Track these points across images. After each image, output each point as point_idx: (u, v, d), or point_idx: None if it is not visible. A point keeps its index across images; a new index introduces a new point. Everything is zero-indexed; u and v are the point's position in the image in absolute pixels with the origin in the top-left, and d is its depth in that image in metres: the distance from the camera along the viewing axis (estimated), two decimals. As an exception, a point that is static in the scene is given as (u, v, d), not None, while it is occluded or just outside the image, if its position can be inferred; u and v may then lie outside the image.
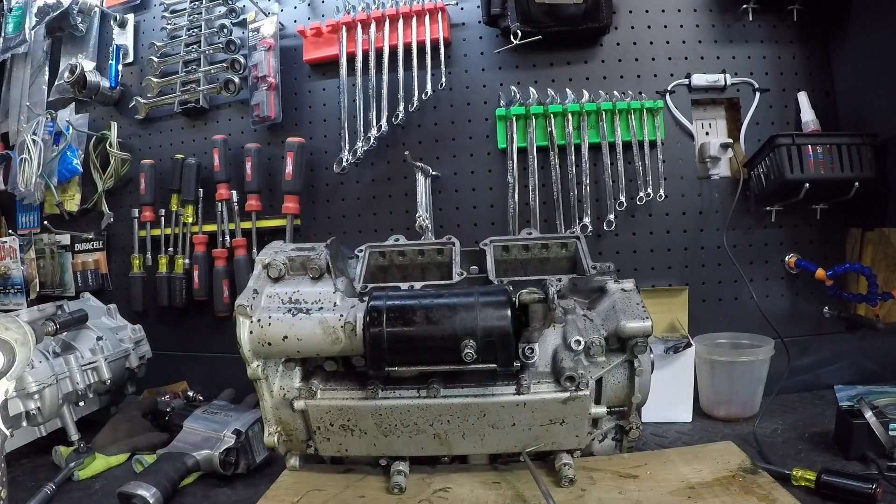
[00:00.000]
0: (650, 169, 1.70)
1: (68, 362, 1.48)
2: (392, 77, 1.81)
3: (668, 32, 1.75)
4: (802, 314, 1.71)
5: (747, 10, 1.71)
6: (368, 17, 1.80)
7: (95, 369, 1.54)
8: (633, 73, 1.76)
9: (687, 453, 1.21)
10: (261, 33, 1.91)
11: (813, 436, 1.35)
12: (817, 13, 1.69)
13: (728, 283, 1.71)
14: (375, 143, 1.80)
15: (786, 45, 1.73)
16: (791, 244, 1.70)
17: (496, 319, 1.03)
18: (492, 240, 1.42)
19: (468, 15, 1.83)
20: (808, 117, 1.66)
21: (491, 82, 1.82)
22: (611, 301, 1.19)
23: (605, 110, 1.71)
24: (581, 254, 1.36)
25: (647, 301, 1.64)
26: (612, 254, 1.73)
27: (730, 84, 1.72)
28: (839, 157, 1.50)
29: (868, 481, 1.05)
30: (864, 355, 1.66)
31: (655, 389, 1.44)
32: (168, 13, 2.06)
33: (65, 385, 1.46)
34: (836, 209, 1.66)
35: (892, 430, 1.21)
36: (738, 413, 1.49)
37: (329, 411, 1.12)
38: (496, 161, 1.81)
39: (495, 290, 1.09)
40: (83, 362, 1.51)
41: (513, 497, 1.07)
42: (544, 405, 1.08)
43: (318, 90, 1.94)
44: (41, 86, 2.20)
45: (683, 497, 1.03)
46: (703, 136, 1.77)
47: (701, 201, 1.73)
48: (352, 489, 1.13)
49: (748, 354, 1.48)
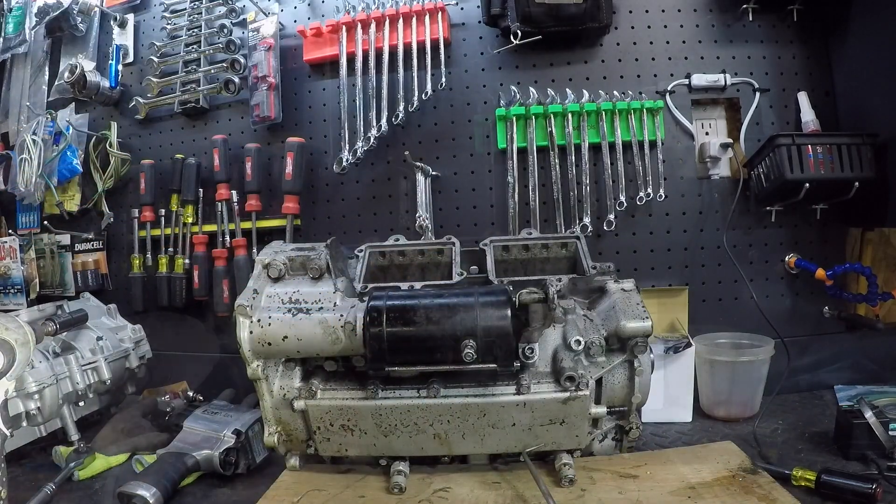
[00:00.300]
0: (650, 169, 1.70)
1: (68, 362, 1.49)
2: (392, 77, 1.81)
3: (667, 32, 1.75)
4: (802, 314, 1.71)
5: (747, 10, 1.71)
6: (368, 17, 1.81)
7: (95, 369, 1.54)
8: (633, 73, 1.76)
9: (687, 453, 1.21)
10: (261, 33, 1.92)
11: (813, 436, 1.35)
12: (817, 13, 1.70)
13: (728, 283, 1.71)
14: (375, 143, 1.81)
15: (786, 45, 1.73)
16: (791, 244, 1.71)
17: (496, 319, 1.04)
18: (492, 240, 1.43)
19: (468, 15, 1.83)
20: (808, 117, 1.67)
21: (491, 82, 1.82)
22: (611, 301, 1.19)
23: (605, 110, 1.71)
24: (581, 254, 1.36)
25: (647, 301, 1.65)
26: (612, 254, 1.74)
27: (730, 84, 1.72)
28: (839, 157, 1.50)
29: (868, 481, 1.05)
30: (864, 355, 1.66)
31: (655, 389, 1.45)
32: (168, 13, 2.05)
33: (65, 385, 1.47)
34: (836, 209, 1.66)
35: (892, 430, 1.21)
36: (738, 413, 1.49)
37: (329, 411, 1.13)
38: (496, 161, 1.81)
39: (495, 290, 1.10)
40: (83, 362, 1.51)
41: (513, 497, 1.07)
42: (544, 405, 1.09)
43: (318, 90, 1.94)
44: (41, 86, 2.20)
45: (683, 497, 1.03)
46: (703, 136, 1.77)
47: (701, 201, 1.74)
48: (352, 489, 1.14)
49: (748, 354, 1.48)
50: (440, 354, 1.04)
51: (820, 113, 1.67)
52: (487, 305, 1.05)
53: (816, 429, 1.38)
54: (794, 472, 1.12)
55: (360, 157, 1.80)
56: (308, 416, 1.14)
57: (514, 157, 1.74)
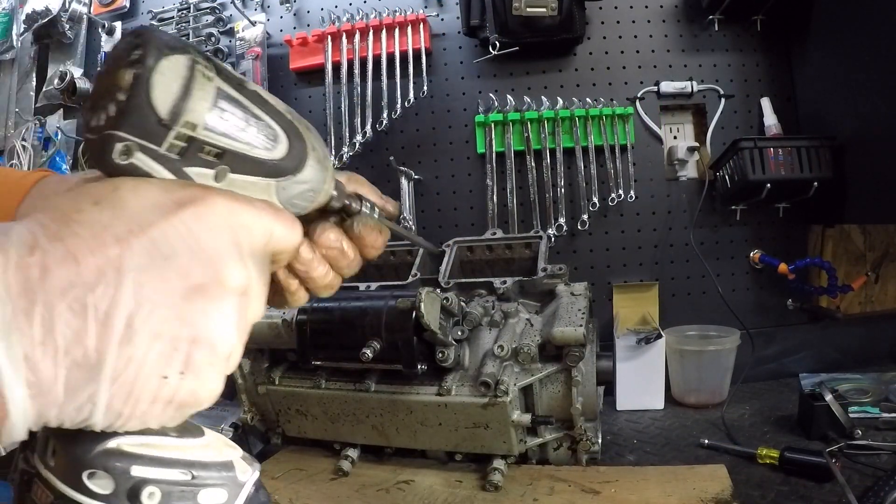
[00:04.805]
0: (621, 171, 1.77)
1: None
2: (376, 85, 1.86)
3: (638, 42, 1.83)
4: (767, 306, 1.78)
5: (713, 20, 1.78)
6: (353, 28, 1.86)
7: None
8: (604, 80, 1.83)
9: (668, 473, 1.12)
10: (248, 42, 1.97)
11: (778, 419, 1.41)
12: (780, 24, 1.77)
13: (696, 279, 1.78)
14: (360, 149, 1.86)
15: (750, 53, 1.81)
16: (755, 241, 1.78)
17: (399, 322, 1.08)
18: (455, 241, 1.47)
19: (448, 26, 1.89)
20: (771, 121, 1.74)
21: (470, 90, 1.88)
22: (555, 305, 1.22)
23: (579, 116, 1.77)
24: (539, 254, 1.37)
25: (619, 296, 1.75)
26: (586, 252, 1.80)
27: (696, 91, 1.79)
28: (799, 159, 1.56)
29: (828, 456, 1.10)
30: (826, 344, 1.74)
31: (629, 379, 1.53)
32: (156, 21, 2.08)
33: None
34: (797, 207, 1.73)
35: (851, 412, 1.28)
36: (708, 400, 1.55)
37: (286, 397, 1.25)
38: (475, 165, 1.87)
39: (406, 296, 1.12)
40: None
41: (462, 498, 1.09)
42: (464, 408, 1.11)
43: (305, 97, 1.99)
44: (28, 92, 2.22)
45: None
46: (672, 140, 1.85)
47: (669, 201, 1.81)
48: (327, 472, 1.23)
49: (715, 344, 1.55)
50: (351, 352, 1.10)
51: (782, 117, 1.74)
52: (393, 309, 1.10)
53: (781, 413, 1.44)
54: (759, 450, 1.17)
55: (346, 161, 1.86)
56: (270, 399, 1.26)
57: (493, 162, 1.80)
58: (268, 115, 0.43)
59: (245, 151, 0.41)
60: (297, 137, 0.45)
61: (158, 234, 0.35)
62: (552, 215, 1.78)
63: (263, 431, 1.37)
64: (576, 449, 1.19)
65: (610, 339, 1.58)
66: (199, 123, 0.38)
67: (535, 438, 1.17)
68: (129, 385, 0.35)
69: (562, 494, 1.07)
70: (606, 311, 1.77)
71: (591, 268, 1.80)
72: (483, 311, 1.21)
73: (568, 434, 1.18)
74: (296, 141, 0.44)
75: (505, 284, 1.28)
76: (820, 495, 1.05)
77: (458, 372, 1.16)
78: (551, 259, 1.37)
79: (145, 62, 0.36)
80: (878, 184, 1.44)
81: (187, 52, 0.38)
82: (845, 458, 1.15)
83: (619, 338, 1.54)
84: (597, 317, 1.51)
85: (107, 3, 2.16)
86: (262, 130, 0.42)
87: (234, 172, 0.41)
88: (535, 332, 1.17)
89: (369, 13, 1.87)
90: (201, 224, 0.37)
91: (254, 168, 0.42)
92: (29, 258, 0.32)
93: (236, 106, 0.40)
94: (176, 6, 2.07)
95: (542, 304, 1.29)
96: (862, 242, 1.76)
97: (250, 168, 0.42)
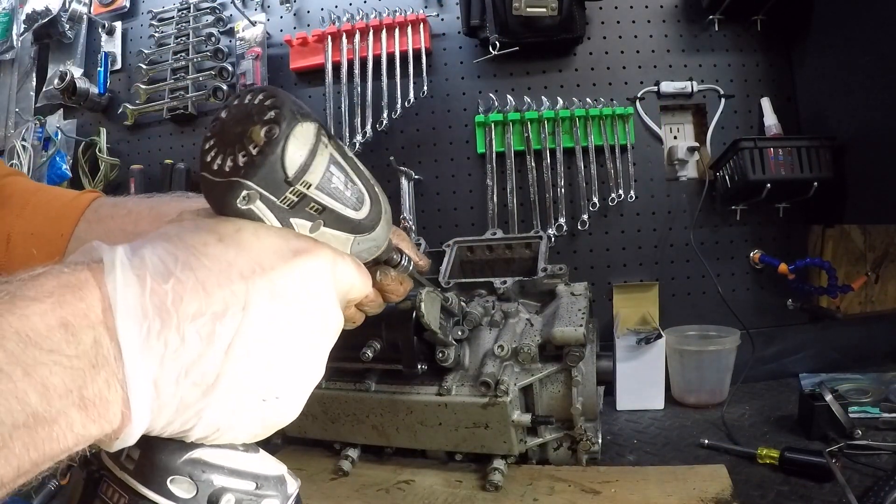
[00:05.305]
0: (621, 171, 1.77)
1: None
2: (376, 85, 1.86)
3: (638, 42, 1.83)
4: (767, 306, 1.78)
5: (714, 20, 1.78)
6: (353, 28, 1.86)
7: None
8: (605, 80, 1.83)
9: (668, 473, 1.12)
10: (248, 42, 1.97)
11: (778, 419, 1.40)
12: (780, 24, 1.77)
13: (696, 279, 1.78)
14: (361, 149, 1.86)
15: (750, 53, 1.81)
16: (755, 241, 1.78)
17: (399, 323, 1.07)
18: (455, 241, 1.47)
19: (448, 26, 1.89)
20: (771, 121, 1.73)
21: (470, 90, 1.88)
22: (556, 305, 1.21)
23: (579, 116, 1.77)
24: (539, 254, 1.37)
25: (619, 296, 1.75)
26: (586, 252, 1.80)
27: (696, 91, 1.79)
28: (799, 159, 1.56)
29: (828, 456, 1.09)
30: (826, 344, 1.72)
31: (629, 379, 1.53)
32: (156, 21, 2.09)
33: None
34: (797, 207, 1.73)
35: (851, 413, 1.27)
36: (708, 400, 1.55)
37: None
38: (475, 165, 1.87)
39: (406, 296, 1.12)
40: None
41: (462, 498, 1.10)
42: (464, 408, 1.10)
43: (305, 97, 1.98)
44: (28, 92, 2.22)
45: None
46: (672, 140, 1.85)
47: (670, 201, 1.81)
48: (328, 471, 1.22)
49: (715, 344, 1.55)
50: (353, 352, 1.08)
51: (782, 117, 1.74)
52: (393, 309, 1.07)
53: (781, 413, 1.43)
54: (759, 450, 1.17)
55: (346, 161, 1.85)
56: None
57: (493, 162, 1.81)
58: (360, 180, 0.49)
59: (340, 210, 0.47)
60: (376, 201, 0.51)
61: (277, 277, 0.41)
62: (552, 215, 1.78)
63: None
64: (576, 449, 1.18)
65: (610, 339, 1.57)
66: (313, 184, 0.44)
67: (536, 438, 1.17)
68: (233, 405, 0.39)
69: (562, 494, 1.07)
70: (606, 311, 1.76)
71: (591, 268, 1.80)
72: (483, 311, 1.21)
73: (568, 434, 1.17)
74: (375, 204, 0.51)
75: (505, 284, 1.28)
76: (820, 495, 1.05)
77: (459, 372, 1.15)
78: (551, 259, 1.37)
79: (281, 125, 0.41)
80: (878, 184, 1.44)
81: (315, 121, 0.43)
82: (845, 458, 1.15)
83: (619, 338, 1.54)
84: (597, 317, 1.51)
85: (107, 3, 2.16)
86: (355, 193, 0.48)
87: (326, 226, 0.48)
88: (536, 332, 1.17)
89: (369, 13, 1.87)
90: (311, 272, 0.43)
91: (342, 224, 0.49)
92: (164, 285, 0.36)
93: (341, 171, 0.46)
94: (176, 6, 2.07)
95: (542, 304, 1.29)
96: (862, 242, 1.76)
97: (340, 224, 0.49)
